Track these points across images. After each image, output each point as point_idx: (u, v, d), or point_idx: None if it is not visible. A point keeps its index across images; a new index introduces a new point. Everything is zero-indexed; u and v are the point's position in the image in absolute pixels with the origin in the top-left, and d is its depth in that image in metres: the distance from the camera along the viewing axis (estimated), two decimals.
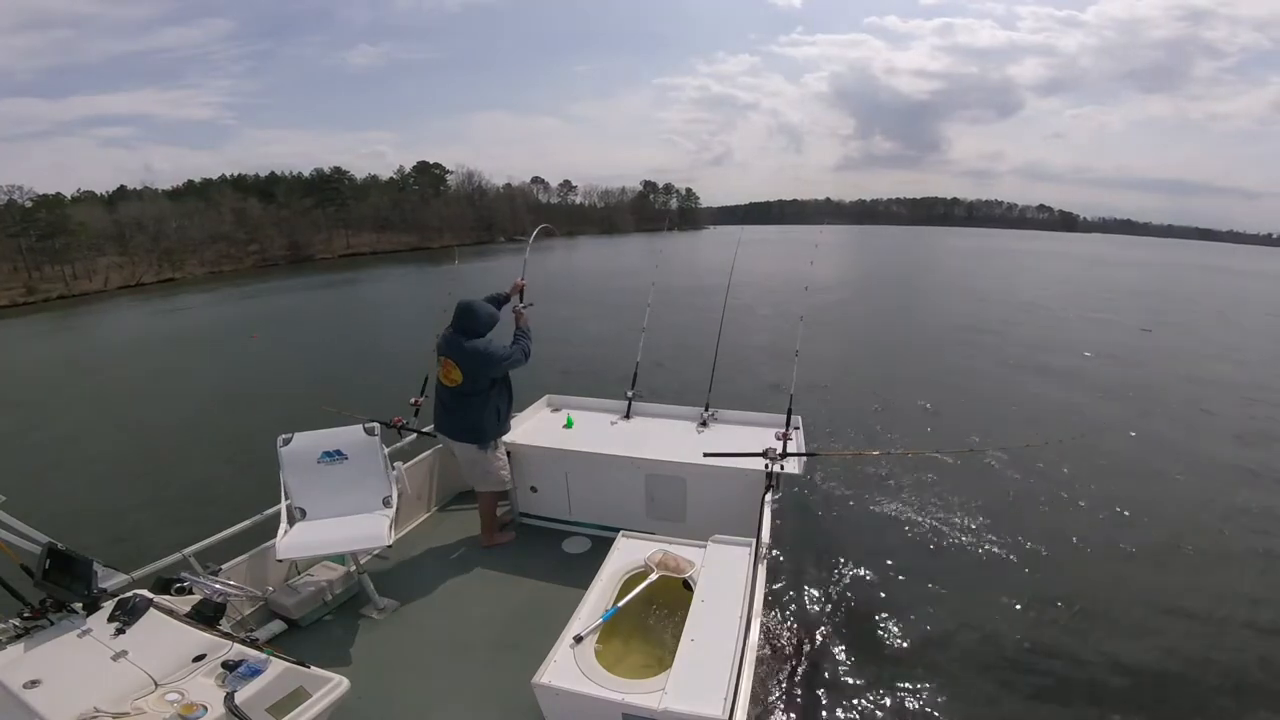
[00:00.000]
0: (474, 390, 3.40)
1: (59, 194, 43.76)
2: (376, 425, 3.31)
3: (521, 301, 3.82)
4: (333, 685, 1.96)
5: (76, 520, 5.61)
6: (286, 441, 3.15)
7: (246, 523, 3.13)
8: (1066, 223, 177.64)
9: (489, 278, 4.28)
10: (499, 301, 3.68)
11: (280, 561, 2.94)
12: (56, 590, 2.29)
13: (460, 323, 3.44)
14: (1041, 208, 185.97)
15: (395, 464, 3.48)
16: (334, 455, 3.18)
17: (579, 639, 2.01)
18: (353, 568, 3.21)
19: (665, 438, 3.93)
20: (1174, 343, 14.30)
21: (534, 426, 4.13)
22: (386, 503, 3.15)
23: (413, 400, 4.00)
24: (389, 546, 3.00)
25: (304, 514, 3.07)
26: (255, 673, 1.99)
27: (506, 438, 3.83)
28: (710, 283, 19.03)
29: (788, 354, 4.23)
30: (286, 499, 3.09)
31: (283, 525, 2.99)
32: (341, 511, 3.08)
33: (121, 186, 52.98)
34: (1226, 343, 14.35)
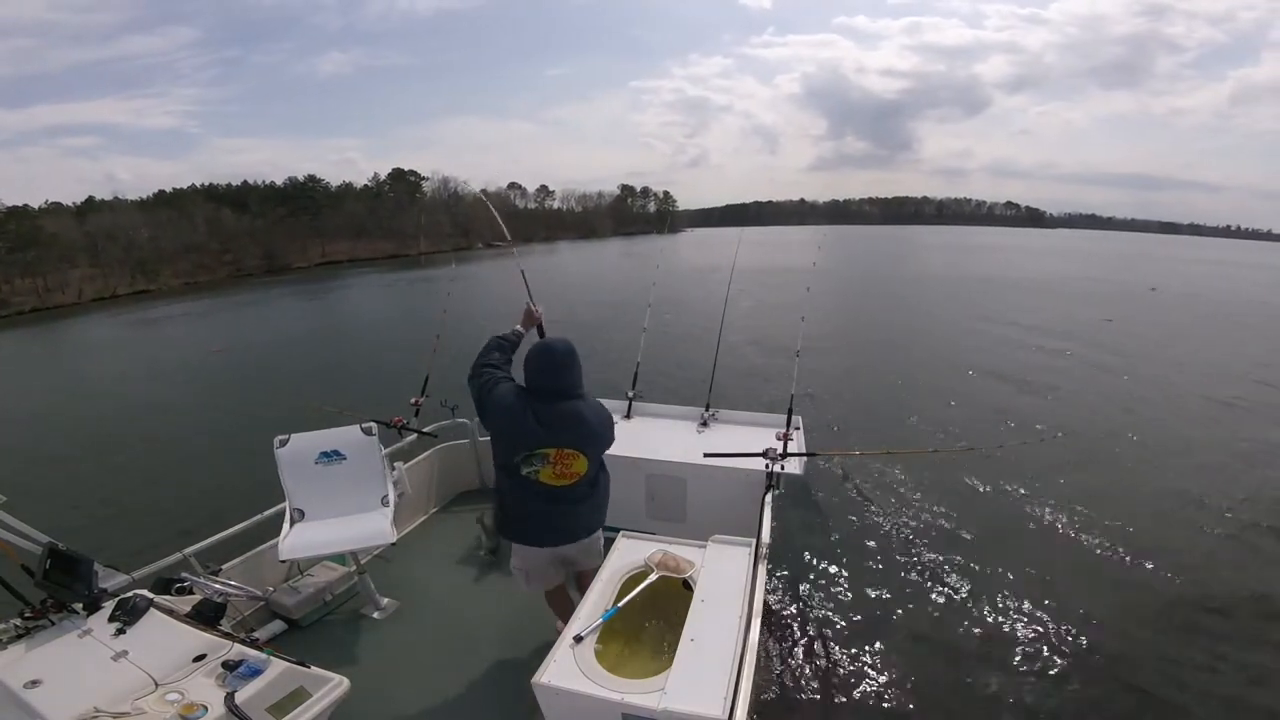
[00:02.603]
0: (598, 474, 2.50)
1: (26, 205, 43.51)
2: (374, 425, 3.30)
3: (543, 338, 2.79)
4: (333, 685, 1.97)
5: (75, 521, 5.63)
6: (283, 443, 3.13)
7: (247, 523, 3.14)
8: (1033, 219, 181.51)
9: (472, 284, 4.21)
10: (510, 346, 2.57)
11: (282, 562, 2.94)
12: (57, 590, 2.29)
13: (560, 382, 2.31)
14: (1009, 204, 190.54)
15: (395, 464, 3.48)
16: (332, 456, 3.17)
17: (579, 639, 2.00)
18: (353, 568, 3.21)
19: (665, 438, 3.92)
20: (1145, 334, 14.65)
21: None
22: (385, 502, 3.15)
23: (413, 400, 4.00)
24: (393, 545, 3.00)
25: (302, 515, 3.06)
26: (255, 673, 1.98)
27: None
28: (698, 289, 19.09)
29: (788, 353, 4.23)
30: (286, 500, 3.09)
31: (285, 526, 3.00)
32: (340, 512, 3.07)
33: (90, 197, 52.25)
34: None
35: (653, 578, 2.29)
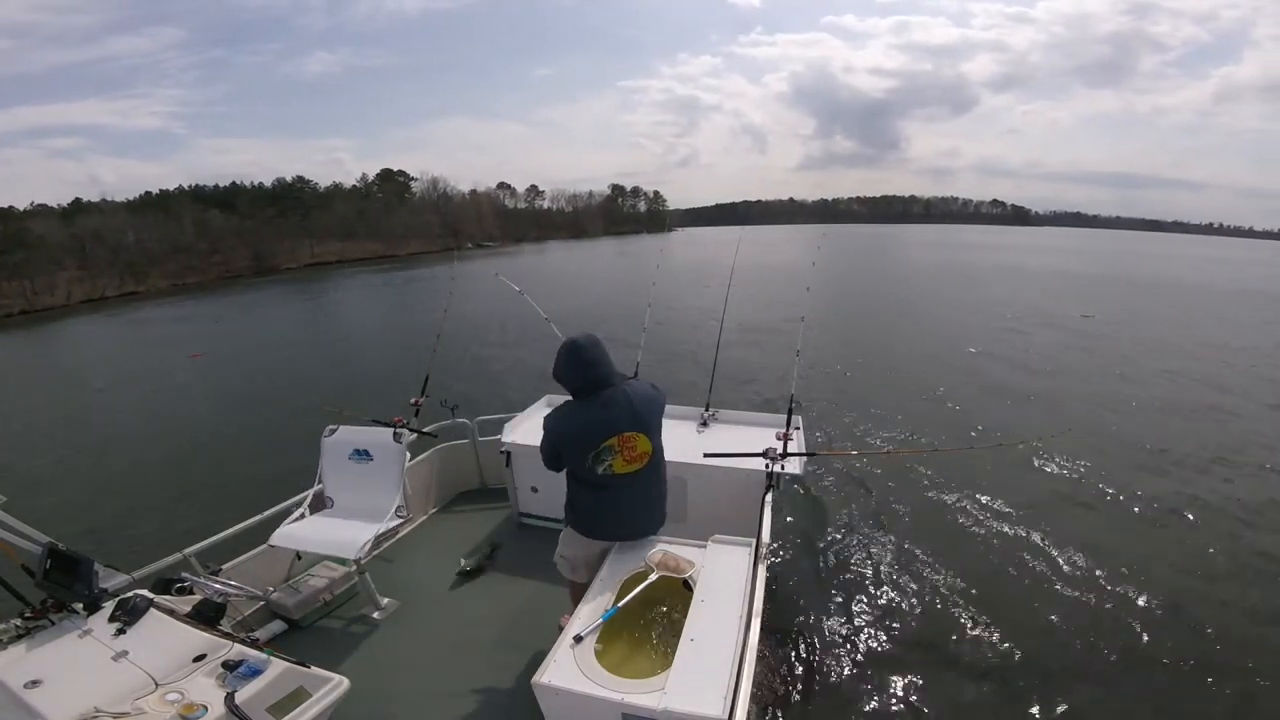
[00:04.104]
0: (660, 457, 2.59)
1: (11, 207, 43.49)
2: (405, 431, 3.35)
3: None
4: (333, 685, 1.97)
5: (75, 522, 5.62)
6: (332, 432, 3.31)
7: (247, 522, 3.14)
8: (1019, 217, 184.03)
9: (465, 283, 4.24)
10: None
11: (272, 547, 3.01)
12: (57, 590, 2.29)
13: (598, 372, 2.40)
14: (995, 203, 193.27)
15: None
16: (363, 454, 3.29)
17: (579, 639, 2.01)
18: (353, 567, 3.21)
19: (665, 437, 3.91)
20: (1127, 329, 14.91)
21: (534, 426, 4.12)
22: (399, 512, 3.19)
23: (413, 400, 4.00)
24: (392, 544, 3.02)
25: (332, 503, 3.19)
26: (255, 673, 1.99)
27: (507, 438, 3.82)
28: (695, 289, 19.11)
29: (788, 353, 4.23)
30: (319, 484, 3.22)
31: (303, 510, 3.06)
32: (357, 509, 3.15)
33: (77, 199, 51.92)
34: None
35: (653, 578, 2.29)
